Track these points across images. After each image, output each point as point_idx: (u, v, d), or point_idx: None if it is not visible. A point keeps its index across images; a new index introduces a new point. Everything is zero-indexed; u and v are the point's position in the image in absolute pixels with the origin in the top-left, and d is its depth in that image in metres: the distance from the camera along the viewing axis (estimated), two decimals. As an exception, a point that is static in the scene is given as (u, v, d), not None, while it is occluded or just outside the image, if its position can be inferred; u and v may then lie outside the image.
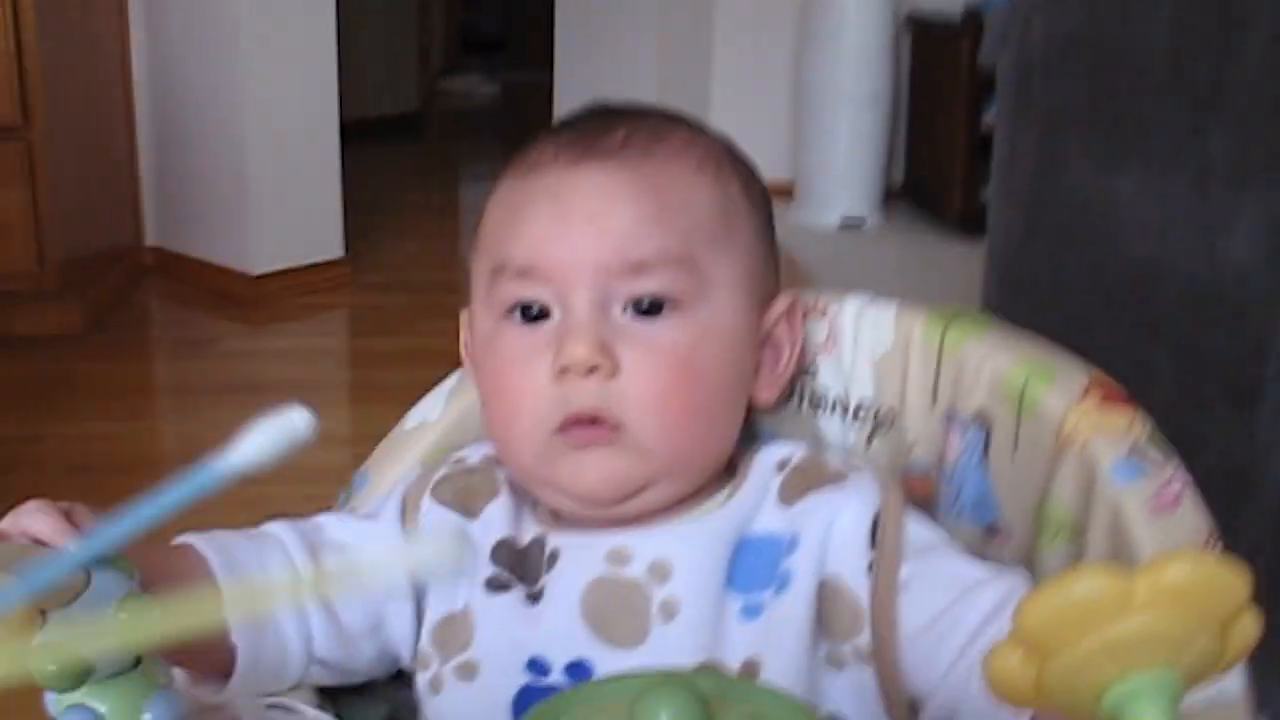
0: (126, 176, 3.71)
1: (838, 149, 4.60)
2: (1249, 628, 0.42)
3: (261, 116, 3.50)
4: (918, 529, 0.73)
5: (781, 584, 0.71)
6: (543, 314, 0.74)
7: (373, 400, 2.88)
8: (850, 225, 4.59)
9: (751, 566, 0.72)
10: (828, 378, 0.84)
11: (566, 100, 4.40)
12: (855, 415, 0.84)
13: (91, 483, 2.40)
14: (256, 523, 0.76)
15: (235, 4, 3.42)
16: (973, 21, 4.25)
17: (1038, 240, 1.70)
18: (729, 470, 0.78)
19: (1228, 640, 0.42)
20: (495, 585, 0.74)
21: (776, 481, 0.76)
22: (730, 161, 0.80)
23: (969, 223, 4.26)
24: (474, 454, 0.82)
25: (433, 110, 7.33)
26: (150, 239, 3.81)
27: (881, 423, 0.83)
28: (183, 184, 3.69)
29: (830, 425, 0.84)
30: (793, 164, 4.64)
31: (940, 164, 4.56)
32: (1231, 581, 0.41)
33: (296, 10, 3.54)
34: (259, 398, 2.95)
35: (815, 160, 4.64)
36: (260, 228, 3.56)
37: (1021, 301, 1.74)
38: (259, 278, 3.56)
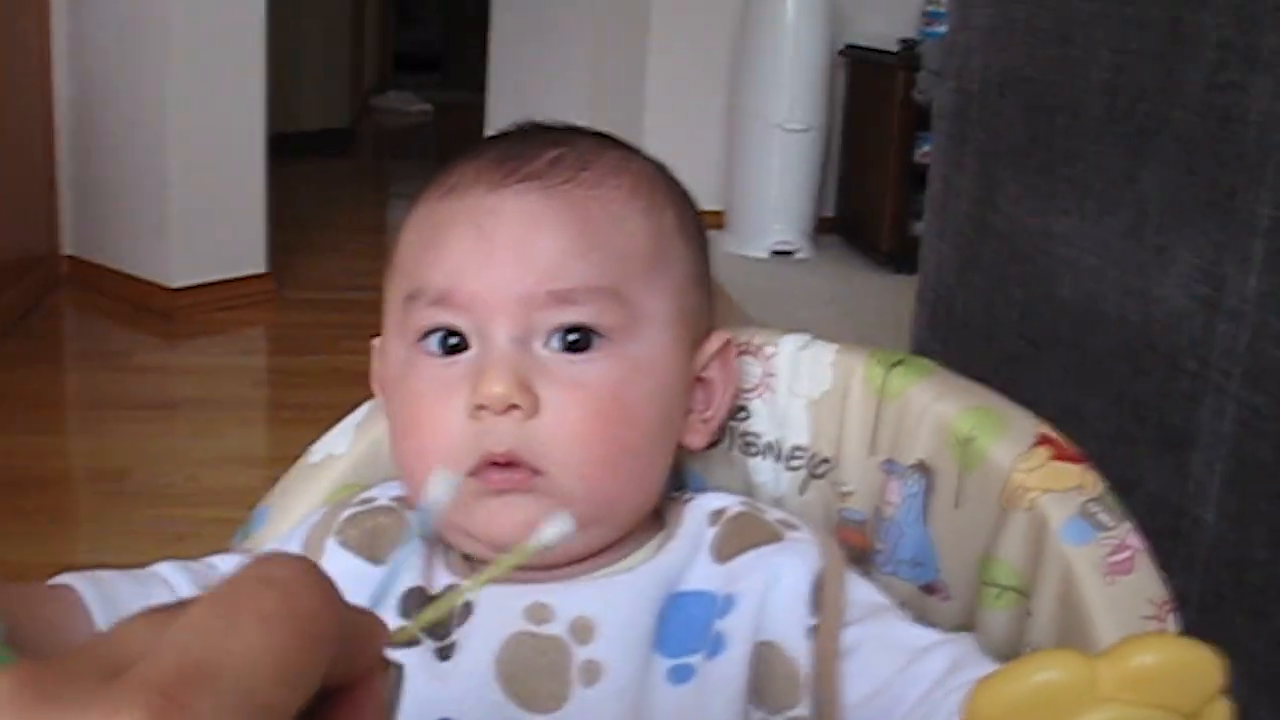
0: (43, 184, 3.63)
1: (770, 179, 4.61)
2: (1221, 716, 0.39)
3: (186, 126, 3.45)
4: (861, 592, 0.70)
5: (714, 647, 0.66)
6: (460, 345, 0.69)
7: (291, 421, 2.83)
8: (781, 255, 4.59)
9: (682, 626, 0.67)
10: (761, 420, 0.80)
11: (499, 121, 4.36)
12: (789, 461, 0.80)
13: (-4, 497, 2.34)
14: (163, 546, 0.71)
15: (164, 11, 3.36)
16: (909, 54, 4.28)
17: (970, 278, 1.68)
18: (657, 519, 0.74)
19: (1197, 730, 0.39)
20: (402, 639, 0.69)
21: (710, 535, 0.71)
22: (665, 189, 0.76)
23: (899, 257, 4.28)
24: (383, 494, 0.77)
25: (364, 127, 7.29)
26: (66, 248, 3.74)
27: (816, 470, 0.79)
28: (102, 193, 3.62)
29: (762, 470, 0.80)
30: (724, 193, 4.64)
31: (872, 197, 4.58)
32: (1203, 668, 0.38)
33: (226, 21, 3.49)
34: (173, 413, 2.90)
35: (747, 190, 4.64)
36: (181, 240, 3.50)
37: (952, 339, 1.72)
38: (177, 290, 3.50)
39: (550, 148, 0.73)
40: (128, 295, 3.55)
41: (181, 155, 3.46)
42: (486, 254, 0.69)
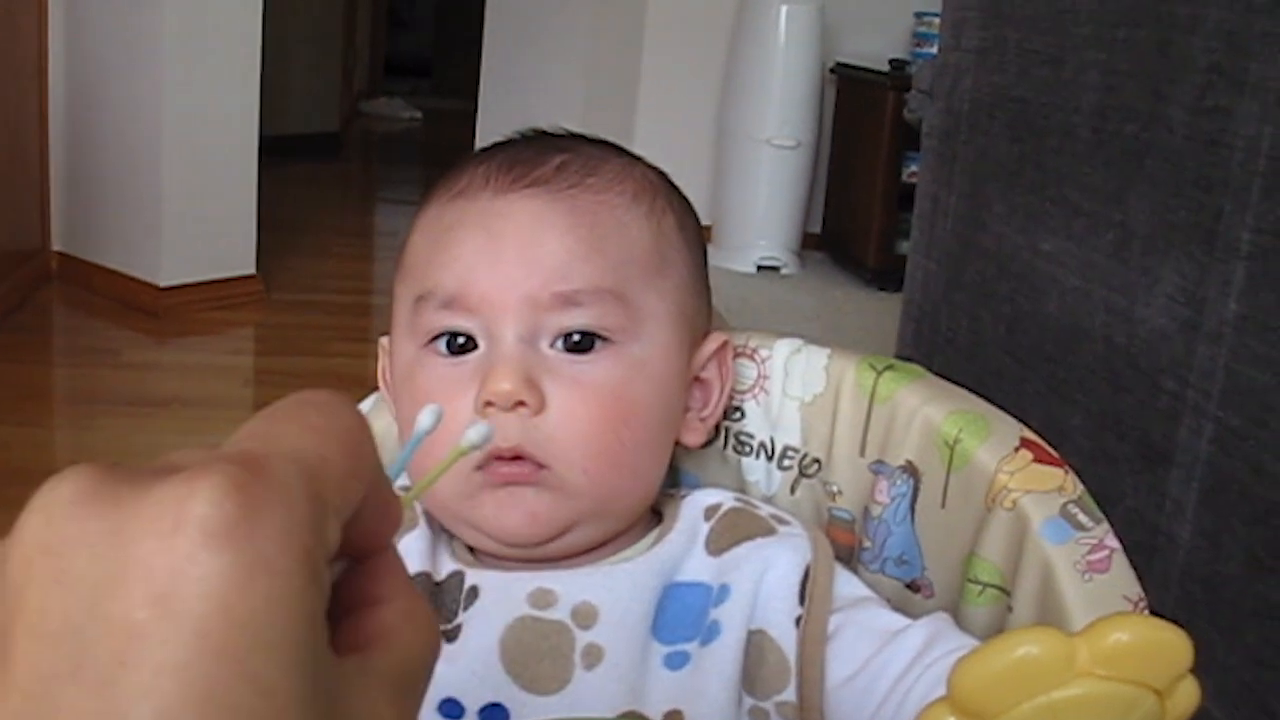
0: (35, 179, 3.63)
1: (757, 195, 4.63)
2: (1189, 694, 0.41)
3: (179, 126, 3.45)
4: (847, 584, 0.72)
5: (709, 635, 0.68)
6: (468, 345, 0.71)
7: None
8: (767, 270, 4.61)
9: (678, 615, 0.69)
10: (754, 421, 0.82)
11: (488, 128, 4.38)
12: (781, 461, 0.82)
13: (-19, 489, 2.33)
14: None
15: (158, 10, 3.36)
16: (899, 74, 4.30)
17: (956, 296, 1.70)
18: (655, 514, 0.76)
19: (1168, 706, 0.40)
20: None
21: (705, 529, 0.73)
22: (665, 195, 0.78)
23: (885, 274, 4.30)
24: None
25: (353, 132, 7.29)
26: (56, 244, 3.73)
27: (807, 470, 0.81)
28: (94, 190, 3.62)
29: (755, 469, 0.82)
30: (712, 207, 4.66)
31: (859, 214, 4.60)
32: (1174, 647, 0.40)
33: (222, 24, 3.50)
34: (160, 411, 2.90)
35: (735, 205, 4.66)
36: (171, 239, 3.50)
37: (937, 355, 1.74)
38: (166, 289, 3.50)
39: (556, 154, 0.75)
40: (117, 293, 3.55)
41: (173, 155, 3.46)
42: (495, 255, 0.71)
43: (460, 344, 0.72)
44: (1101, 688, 0.39)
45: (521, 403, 0.68)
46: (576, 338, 0.70)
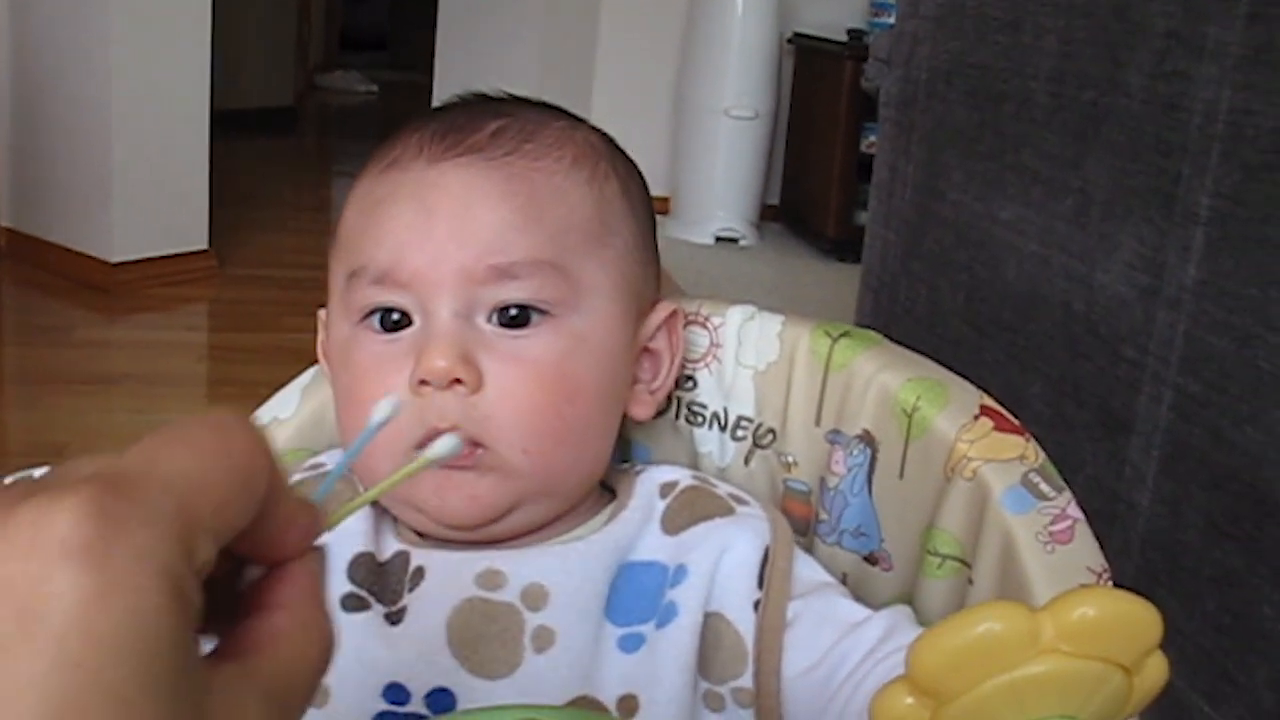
0: (-17, 155, 3.58)
1: (715, 166, 4.62)
2: (1158, 669, 0.39)
3: (130, 100, 3.40)
4: (805, 568, 0.70)
5: (665, 617, 0.66)
6: (402, 322, 0.69)
7: (232, 397, 2.81)
8: (725, 242, 4.60)
9: (632, 596, 0.67)
10: (707, 391, 0.80)
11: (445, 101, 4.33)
12: (734, 431, 0.79)
13: (-72, 471, 2.30)
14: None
15: (106, -18, 3.32)
16: (857, 43, 4.29)
17: (915, 265, 1.69)
18: (607, 491, 0.74)
19: (1135, 683, 0.39)
20: (351, 604, 0.67)
21: (660, 506, 0.71)
22: (609, 158, 0.75)
23: (844, 245, 4.30)
24: (331, 460, 0.76)
25: (308, 106, 7.23)
26: (5, 220, 3.68)
27: (761, 440, 0.79)
28: (43, 165, 3.57)
29: (707, 441, 0.80)
30: (670, 179, 4.64)
31: (818, 185, 4.59)
32: (1142, 622, 0.38)
33: (171, -4, 3.45)
34: (112, 389, 2.87)
35: (693, 176, 4.65)
36: (122, 214, 3.46)
37: (895, 325, 1.73)
38: (117, 265, 3.45)
39: (493, 119, 0.72)
40: (68, 269, 3.51)
41: (124, 130, 3.41)
42: (427, 229, 0.68)
43: (395, 320, 0.69)
44: (1067, 665, 0.37)
45: (458, 380, 0.66)
46: (514, 312, 0.68)
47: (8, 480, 0.36)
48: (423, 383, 0.66)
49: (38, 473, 0.35)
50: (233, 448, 0.34)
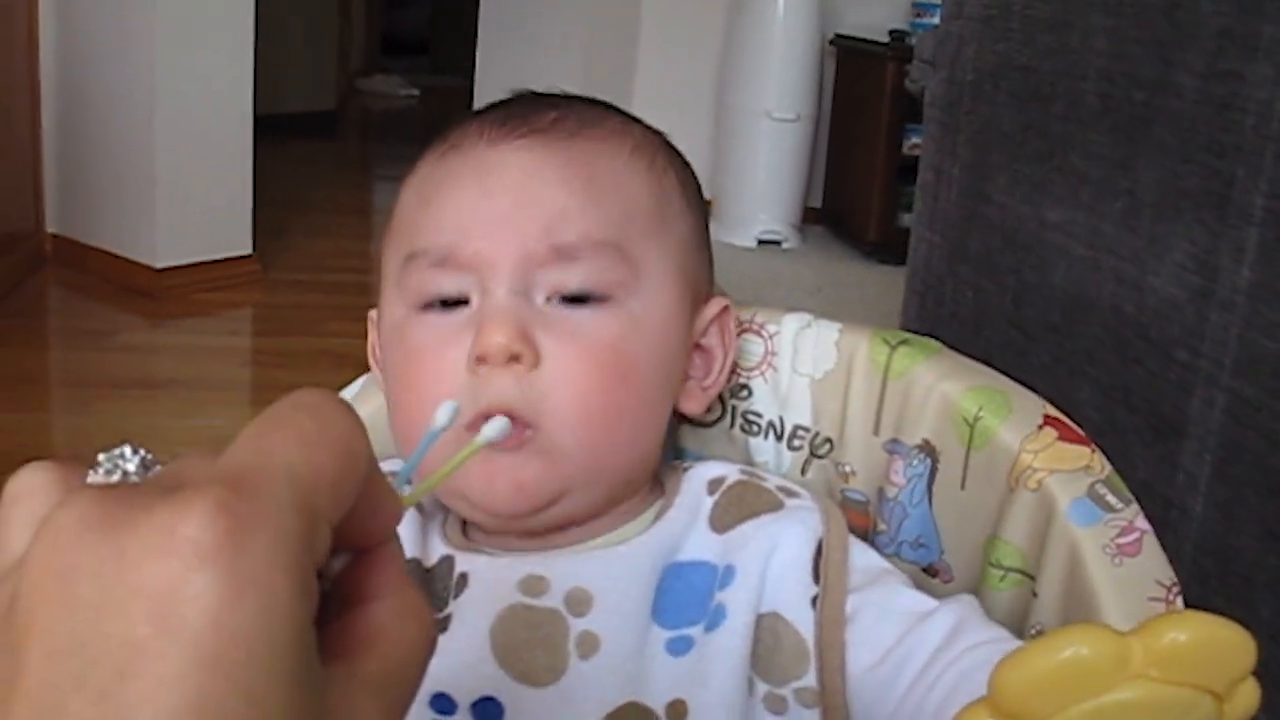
0: (28, 160, 3.60)
1: (757, 168, 4.60)
2: (1250, 695, 0.38)
3: (173, 106, 3.42)
4: (863, 557, 0.69)
5: (714, 619, 0.65)
6: (459, 301, 0.68)
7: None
8: (767, 244, 4.59)
9: (680, 597, 0.66)
10: (762, 400, 0.79)
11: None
12: (791, 441, 0.79)
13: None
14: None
15: (152, -12, 3.33)
16: (899, 44, 4.27)
17: (961, 268, 1.68)
18: (655, 488, 0.73)
19: (1226, 710, 0.38)
20: None
21: (708, 504, 0.70)
22: (666, 154, 0.75)
23: (886, 247, 4.28)
24: (385, 468, 0.76)
25: (349, 110, 7.26)
26: (51, 226, 3.71)
27: (819, 450, 0.78)
28: (88, 171, 3.59)
29: (764, 450, 0.79)
30: (712, 182, 4.63)
31: (860, 187, 4.57)
32: (1235, 648, 0.37)
33: (215, 1, 3.46)
34: (158, 393, 2.88)
35: (734, 179, 4.63)
36: (166, 220, 3.47)
37: (941, 328, 1.72)
38: (162, 271, 3.47)
39: (551, 110, 0.72)
40: (112, 274, 3.53)
41: (168, 135, 3.43)
42: (488, 207, 0.68)
43: (453, 303, 0.68)
44: (1156, 691, 0.36)
45: (516, 358, 0.65)
46: (572, 294, 0.67)
47: (100, 457, 0.36)
48: (480, 359, 0.65)
49: (128, 451, 0.36)
50: (333, 431, 0.35)
